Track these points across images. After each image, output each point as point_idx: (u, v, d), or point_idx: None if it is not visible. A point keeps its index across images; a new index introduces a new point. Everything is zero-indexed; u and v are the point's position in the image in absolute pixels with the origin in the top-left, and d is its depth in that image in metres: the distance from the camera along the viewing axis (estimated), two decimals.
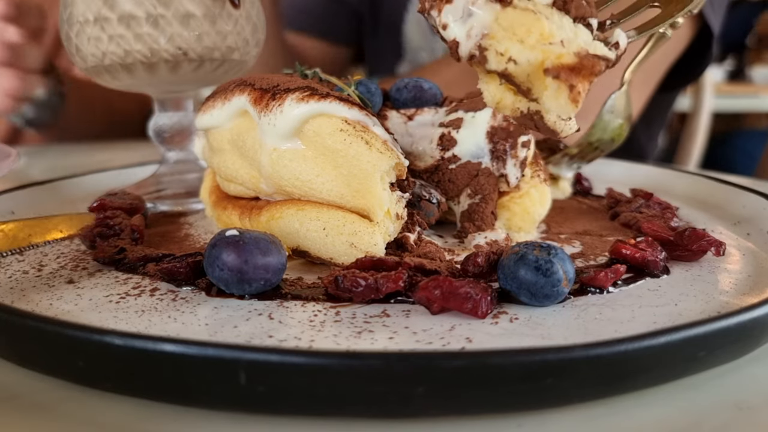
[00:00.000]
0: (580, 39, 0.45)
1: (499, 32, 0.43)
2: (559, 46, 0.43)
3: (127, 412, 0.35)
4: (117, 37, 0.64)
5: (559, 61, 0.43)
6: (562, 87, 0.43)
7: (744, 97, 2.96)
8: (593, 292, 0.46)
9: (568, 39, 0.43)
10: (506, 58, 0.43)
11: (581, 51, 0.43)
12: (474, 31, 0.44)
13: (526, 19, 0.43)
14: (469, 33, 0.44)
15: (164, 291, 0.46)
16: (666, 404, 0.36)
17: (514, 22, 0.43)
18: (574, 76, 0.43)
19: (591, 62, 0.43)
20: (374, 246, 0.50)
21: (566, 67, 0.43)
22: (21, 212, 0.66)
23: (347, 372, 0.32)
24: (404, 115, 0.62)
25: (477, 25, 0.44)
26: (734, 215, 0.66)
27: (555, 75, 0.42)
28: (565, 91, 0.43)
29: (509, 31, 0.43)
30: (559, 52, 0.43)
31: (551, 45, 0.43)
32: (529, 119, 0.47)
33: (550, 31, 0.43)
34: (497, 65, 0.43)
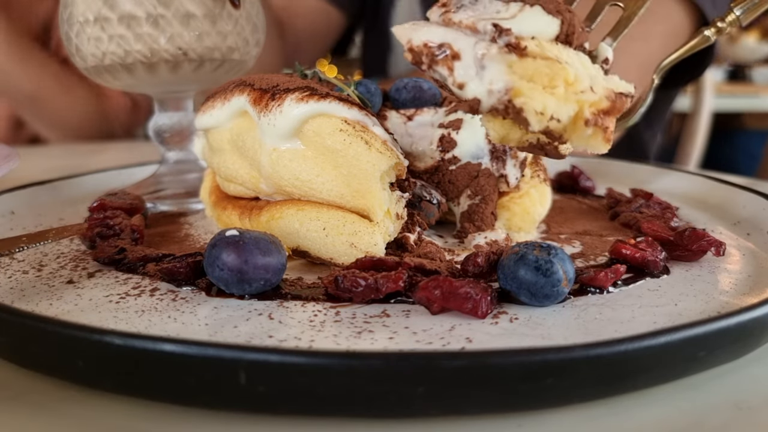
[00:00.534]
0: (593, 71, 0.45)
1: (524, 86, 0.42)
2: (590, 93, 0.43)
3: (127, 412, 0.35)
4: (117, 37, 0.64)
5: (596, 108, 0.43)
6: (597, 131, 0.43)
7: (744, 97, 2.96)
8: (593, 292, 0.46)
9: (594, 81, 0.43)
10: (548, 117, 0.42)
11: (610, 94, 0.43)
12: (496, 86, 0.42)
13: (544, 67, 0.42)
14: (491, 89, 0.43)
15: (164, 291, 0.46)
16: (666, 404, 0.36)
17: (534, 71, 0.43)
18: (607, 119, 0.43)
19: (621, 102, 0.44)
20: (374, 246, 0.50)
21: (601, 113, 0.43)
22: (21, 212, 0.66)
23: (347, 372, 0.32)
24: (404, 115, 0.62)
25: (496, 79, 0.42)
26: (734, 215, 0.66)
27: (594, 123, 0.43)
28: (600, 134, 0.43)
29: (532, 82, 0.43)
30: (593, 100, 0.43)
31: (583, 93, 0.43)
32: (539, 148, 0.47)
33: (575, 76, 0.43)
34: (539, 125, 0.42)
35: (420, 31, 0.46)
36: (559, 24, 0.44)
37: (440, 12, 0.47)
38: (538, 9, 0.44)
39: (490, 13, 0.45)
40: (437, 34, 0.45)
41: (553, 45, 0.44)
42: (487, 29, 0.43)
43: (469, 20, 0.44)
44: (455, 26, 0.45)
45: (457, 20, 0.45)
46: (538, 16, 0.44)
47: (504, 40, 0.43)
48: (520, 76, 0.43)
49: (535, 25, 0.44)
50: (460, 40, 0.44)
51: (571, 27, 0.45)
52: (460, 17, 0.45)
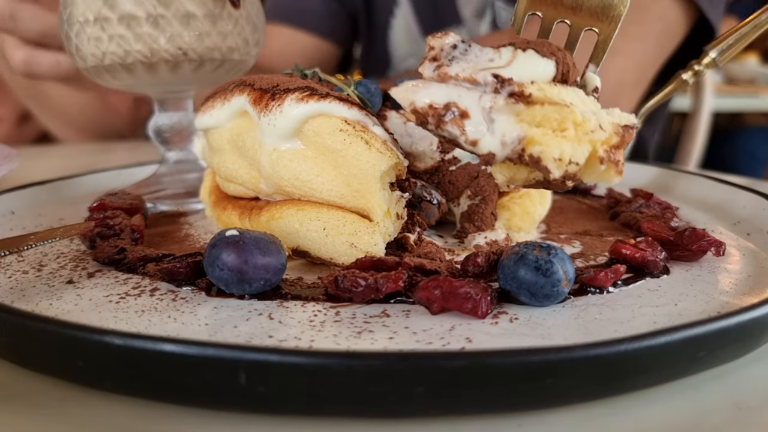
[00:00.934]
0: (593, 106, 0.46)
1: (537, 133, 0.43)
2: (600, 131, 0.43)
3: (127, 412, 0.35)
4: (117, 37, 0.64)
5: (608, 145, 0.44)
6: (610, 166, 0.44)
7: (744, 96, 2.96)
8: (593, 292, 0.46)
9: (599, 118, 0.44)
10: (566, 162, 0.43)
11: (618, 128, 0.44)
12: (508, 138, 0.43)
13: (553, 112, 0.43)
14: (504, 141, 0.43)
15: (164, 291, 0.46)
16: (666, 404, 0.36)
17: (542, 117, 0.43)
18: (617, 153, 0.44)
19: (629, 135, 0.45)
20: (374, 246, 0.50)
21: (612, 149, 0.44)
22: (21, 212, 0.66)
23: (347, 372, 0.32)
24: (404, 115, 0.62)
25: (507, 131, 0.43)
26: (734, 215, 0.66)
27: (608, 159, 0.44)
28: (612, 168, 0.44)
29: (542, 127, 0.43)
30: (604, 138, 0.44)
31: (593, 133, 0.43)
32: (546, 184, 0.47)
33: (582, 117, 0.43)
34: (559, 171, 0.43)
35: (421, 92, 0.46)
36: (554, 65, 0.45)
37: (433, 67, 0.46)
38: (532, 53, 0.44)
39: (484, 62, 0.45)
40: (440, 94, 0.45)
41: (552, 86, 0.45)
42: (487, 80, 0.43)
43: (466, 73, 0.44)
44: (453, 81, 0.45)
45: (453, 74, 0.45)
46: (534, 60, 0.44)
47: (507, 90, 0.43)
48: (529, 123, 0.43)
49: (533, 70, 0.44)
50: (464, 96, 0.44)
51: (566, 66, 0.45)
52: (455, 71, 0.45)
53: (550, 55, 0.45)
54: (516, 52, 0.45)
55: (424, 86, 0.46)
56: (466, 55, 0.45)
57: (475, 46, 0.46)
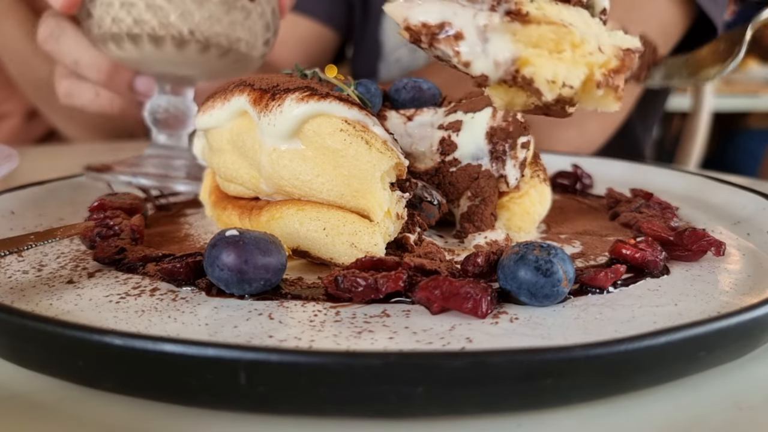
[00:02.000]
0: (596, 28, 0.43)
1: (531, 53, 0.41)
2: (599, 54, 0.42)
3: (127, 412, 0.35)
4: (128, 5, 0.64)
5: (606, 68, 0.42)
6: (608, 91, 0.42)
7: (744, 96, 2.96)
8: (593, 292, 0.46)
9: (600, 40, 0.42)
10: (560, 84, 0.41)
11: (618, 52, 0.42)
12: (502, 58, 0.41)
13: (549, 32, 0.41)
14: (497, 61, 0.41)
15: (164, 291, 0.46)
16: (666, 404, 0.36)
17: (538, 37, 0.41)
18: (617, 77, 0.42)
19: (630, 59, 0.43)
20: (374, 246, 0.50)
21: (611, 72, 0.42)
22: (21, 212, 0.66)
23: (347, 372, 0.32)
24: (403, 115, 0.62)
25: (501, 51, 0.41)
26: (734, 215, 0.66)
27: (605, 83, 0.42)
28: (611, 93, 0.43)
29: (538, 47, 0.41)
30: (603, 61, 0.42)
31: (591, 55, 0.41)
32: (544, 110, 0.46)
33: (582, 38, 0.41)
34: (552, 94, 0.41)
35: (415, 9, 0.44)
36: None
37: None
38: None
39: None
40: (434, 12, 0.43)
41: (552, 5, 0.42)
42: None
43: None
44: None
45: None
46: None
47: (504, 8, 0.41)
48: (525, 43, 0.41)
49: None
50: (459, 14, 0.42)
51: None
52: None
53: None
54: None
55: (417, 2, 0.44)
56: None
57: None
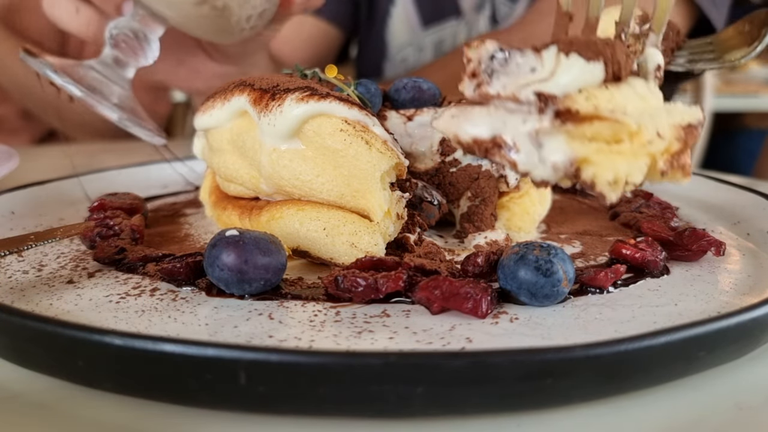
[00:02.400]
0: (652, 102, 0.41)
1: (588, 151, 0.39)
2: (658, 141, 0.39)
3: (127, 412, 0.35)
4: None
5: (669, 155, 0.39)
6: (675, 172, 0.40)
7: (744, 96, 2.96)
8: (593, 292, 0.46)
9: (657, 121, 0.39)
10: (622, 183, 0.39)
11: (679, 133, 0.40)
12: (559, 162, 0.39)
13: (604, 128, 0.38)
14: (555, 166, 0.39)
15: (164, 291, 0.46)
16: (666, 404, 0.36)
17: (593, 134, 0.39)
18: (682, 157, 0.40)
19: (692, 137, 0.40)
20: (374, 246, 0.50)
21: (675, 156, 0.40)
22: (21, 212, 0.66)
23: (347, 372, 0.32)
24: (403, 115, 0.62)
25: (557, 154, 0.39)
26: (734, 215, 0.66)
27: (671, 168, 0.40)
28: (678, 173, 0.40)
29: (595, 141, 0.39)
30: (663, 147, 0.39)
31: (651, 144, 0.38)
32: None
33: (638, 127, 0.38)
34: (616, 194, 0.39)
35: (463, 125, 0.43)
36: (602, 67, 0.40)
37: (473, 86, 0.43)
38: (575, 58, 0.39)
39: (525, 74, 0.41)
40: (484, 126, 0.42)
41: (603, 90, 0.40)
42: (530, 99, 0.40)
43: (508, 90, 0.41)
44: (495, 100, 0.41)
45: (494, 93, 0.41)
46: (579, 65, 0.39)
47: (552, 109, 0.39)
48: (581, 141, 0.39)
49: (579, 77, 0.39)
50: (509, 123, 0.40)
51: (616, 64, 0.40)
52: (496, 89, 0.41)
53: (597, 57, 0.39)
54: (559, 56, 0.40)
55: (465, 115, 0.43)
56: (506, 66, 0.41)
57: (515, 54, 0.42)
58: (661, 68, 0.46)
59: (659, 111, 0.40)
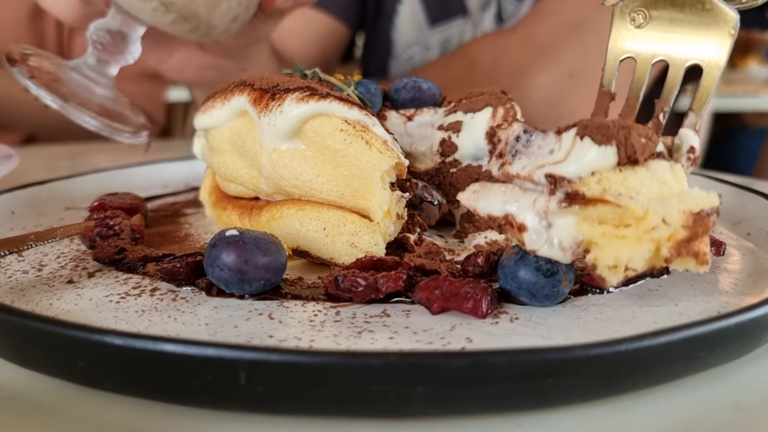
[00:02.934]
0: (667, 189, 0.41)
1: (595, 234, 0.39)
2: (663, 227, 0.39)
3: (127, 412, 0.35)
4: None
5: (674, 242, 0.39)
6: (686, 259, 0.40)
7: (744, 96, 2.96)
8: (593, 292, 0.46)
9: (667, 208, 0.39)
10: (622, 269, 0.39)
11: (687, 219, 0.39)
12: (566, 243, 0.39)
13: (609, 212, 0.39)
14: (562, 246, 0.40)
15: (164, 291, 0.46)
16: (666, 404, 0.36)
17: (598, 216, 0.39)
18: (694, 245, 0.39)
19: (704, 225, 0.40)
20: (375, 246, 0.50)
21: (683, 243, 0.39)
22: (21, 212, 0.66)
23: (347, 372, 0.32)
24: (403, 115, 0.62)
25: (564, 235, 0.39)
26: (734, 215, 0.66)
27: (677, 255, 0.39)
28: (691, 261, 0.40)
29: (604, 224, 0.39)
30: (669, 234, 0.39)
31: (654, 230, 0.39)
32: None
33: (642, 211, 0.38)
34: (616, 279, 0.39)
35: (480, 202, 0.44)
36: (615, 152, 0.40)
37: (498, 165, 0.44)
38: (588, 142, 0.40)
39: (543, 155, 0.42)
40: (497, 204, 0.43)
41: (616, 173, 0.40)
42: (542, 180, 0.40)
43: (526, 171, 0.42)
44: (515, 179, 0.43)
45: (514, 173, 0.43)
46: (591, 149, 0.40)
47: (562, 191, 0.40)
48: (588, 223, 0.39)
49: (591, 161, 0.40)
50: (521, 201, 0.41)
51: (630, 148, 0.40)
52: (516, 168, 0.42)
53: (608, 141, 0.40)
54: (575, 140, 0.40)
55: (483, 192, 0.44)
56: (529, 147, 0.43)
57: (538, 135, 0.42)
58: (695, 150, 0.46)
59: (671, 196, 0.40)
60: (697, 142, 0.46)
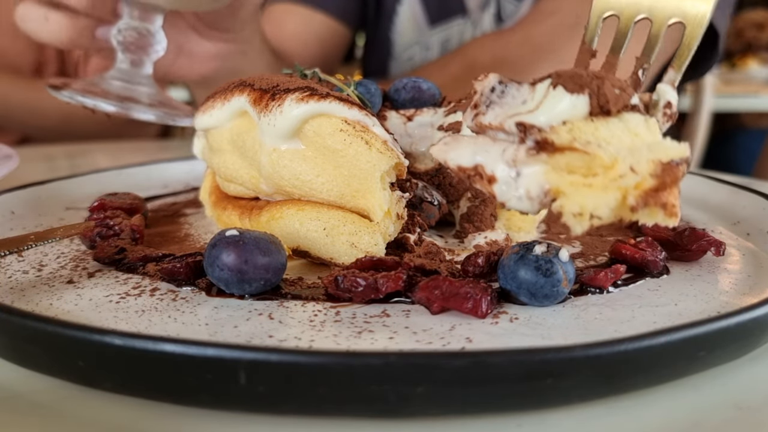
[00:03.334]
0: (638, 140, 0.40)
1: (562, 182, 0.39)
2: (631, 175, 0.38)
3: (127, 412, 0.35)
4: None
5: (641, 190, 0.38)
6: (654, 209, 0.39)
7: (743, 96, 2.96)
8: (593, 292, 0.46)
9: (636, 157, 0.38)
10: (587, 217, 0.39)
11: (656, 169, 0.39)
12: (534, 192, 0.39)
13: (576, 159, 0.39)
14: (530, 196, 0.39)
15: (164, 291, 0.46)
16: (666, 404, 0.36)
17: (566, 165, 0.39)
18: (662, 195, 0.39)
19: (672, 173, 0.39)
20: (374, 246, 0.50)
21: (650, 193, 0.38)
22: (21, 212, 0.66)
23: (347, 372, 0.32)
24: (403, 115, 0.62)
25: (532, 184, 0.39)
26: (734, 215, 0.66)
27: (643, 205, 0.39)
28: (659, 212, 0.39)
29: (573, 173, 0.39)
30: (635, 182, 0.38)
31: (622, 178, 0.38)
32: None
33: (610, 160, 0.38)
34: (581, 227, 0.39)
35: (450, 153, 0.44)
36: (587, 101, 0.40)
37: (472, 116, 0.44)
38: (561, 91, 0.40)
39: (516, 105, 0.42)
40: (467, 156, 0.42)
41: (587, 123, 0.40)
42: (512, 129, 0.40)
43: (497, 120, 0.42)
44: (486, 130, 0.42)
45: (487, 123, 0.42)
46: (563, 99, 0.40)
47: (531, 139, 0.39)
48: (557, 172, 0.39)
49: (563, 110, 0.40)
50: (491, 151, 0.41)
51: (602, 97, 0.40)
52: (489, 119, 0.42)
53: (580, 89, 0.40)
54: (548, 90, 0.41)
55: (453, 144, 0.44)
56: (503, 97, 0.42)
57: (512, 86, 0.42)
58: (672, 105, 0.46)
59: (641, 146, 0.40)
60: (675, 98, 0.46)
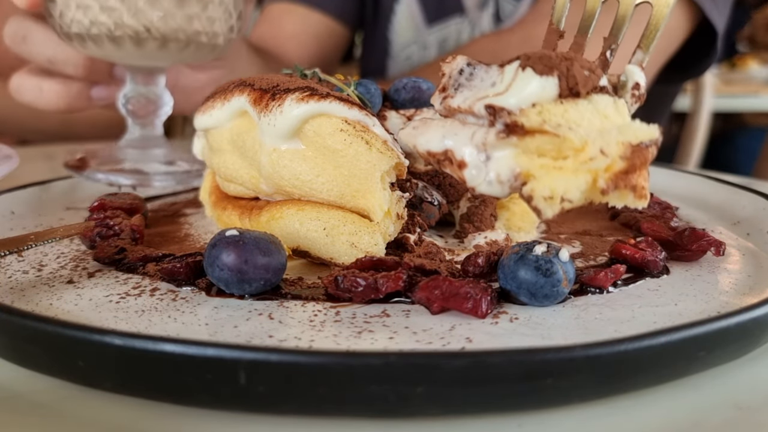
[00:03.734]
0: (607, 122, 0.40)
1: (532, 166, 0.38)
2: (601, 158, 0.38)
3: (127, 412, 0.35)
4: (84, 7, 0.65)
5: (611, 173, 0.38)
6: (624, 192, 0.39)
7: (743, 96, 2.96)
8: (593, 292, 0.46)
9: (606, 139, 0.38)
10: (558, 200, 0.38)
11: (625, 151, 0.39)
12: (504, 176, 0.39)
13: (546, 143, 0.38)
14: (500, 180, 0.39)
15: (164, 291, 0.46)
16: (666, 404, 0.36)
17: (536, 148, 0.39)
18: (632, 178, 0.39)
19: (642, 156, 0.39)
20: (374, 246, 0.50)
21: (620, 175, 0.38)
22: (21, 212, 0.66)
23: (347, 372, 0.32)
24: (403, 115, 0.62)
25: (502, 168, 0.39)
26: (734, 215, 0.66)
27: (614, 188, 0.39)
28: (629, 194, 0.39)
29: (543, 156, 0.39)
30: (606, 165, 0.38)
31: (592, 161, 0.38)
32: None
33: (581, 142, 0.38)
34: (552, 211, 0.39)
35: (420, 138, 0.43)
36: (556, 83, 0.40)
37: (441, 99, 0.44)
38: (530, 73, 0.40)
39: (485, 88, 0.41)
40: (436, 140, 0.42)
41: (557, 105, 0.40)
42: (482, 112, 0.40)
43: (466, 104, 0.41)
44: (456, 113, 0.42)
45: (456, 106, 0.42)
46: (533, 81, 0.40)
47: (501, 122, 0.39)
48: (527, 156, 0.39)
49: (533, 92, 0.39)
50: (460, 135, 0.41)
51: (572, 79, 0.40)
52: (458, 102, 0.42)
53: (550, 71, 0.40)
54: (517, 72, 0.40)
55: (422, 128, 0.43)
56: (471, 80, 0.42)
57: (481, 69, 0.42)
58: (640, 87, 0.45)
59: (611, 128, 0.40)
60: (643, 78, 0.46)
